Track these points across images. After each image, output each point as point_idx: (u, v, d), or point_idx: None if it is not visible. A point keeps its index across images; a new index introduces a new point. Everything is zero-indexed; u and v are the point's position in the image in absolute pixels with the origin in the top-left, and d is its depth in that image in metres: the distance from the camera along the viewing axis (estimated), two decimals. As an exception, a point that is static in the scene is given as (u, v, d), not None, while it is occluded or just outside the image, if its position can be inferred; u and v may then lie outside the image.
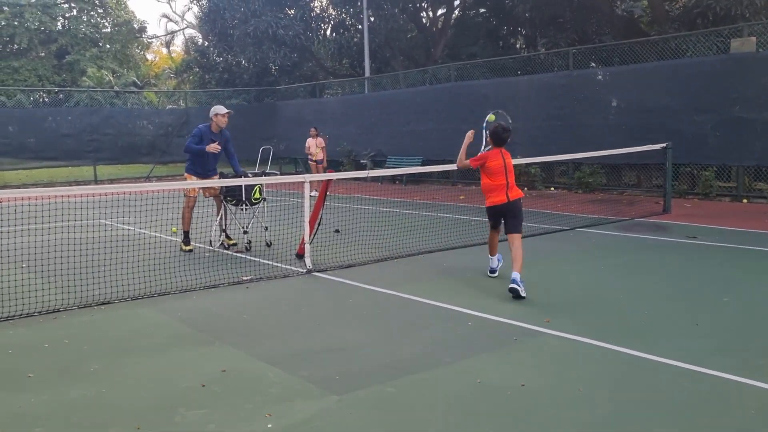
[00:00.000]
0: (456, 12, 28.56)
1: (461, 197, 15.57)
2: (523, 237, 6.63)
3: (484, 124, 7.03)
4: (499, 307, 5.70)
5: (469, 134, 6.87)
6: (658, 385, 3.96)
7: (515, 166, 16.66)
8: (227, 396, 3.88)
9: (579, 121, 15.63)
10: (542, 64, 18.49)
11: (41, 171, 23.61)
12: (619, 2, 21.79)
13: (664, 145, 11.68)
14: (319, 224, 8.06)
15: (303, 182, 7.54)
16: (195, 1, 31.24)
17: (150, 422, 3.54)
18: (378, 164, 20.59)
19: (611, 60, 16.38)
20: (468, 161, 6.83)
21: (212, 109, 8.89)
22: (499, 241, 7.06)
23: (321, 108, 23.93)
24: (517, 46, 28.41)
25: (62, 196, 14.74)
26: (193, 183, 8.50)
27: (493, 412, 3.62)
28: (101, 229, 10.75)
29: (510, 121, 7.10)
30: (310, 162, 16.48)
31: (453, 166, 10.46)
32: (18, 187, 19.12)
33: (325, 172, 14.49)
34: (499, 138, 6.71)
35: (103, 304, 6.03)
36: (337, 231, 10.03)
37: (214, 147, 8.48)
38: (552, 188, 16.92)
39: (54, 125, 24.87)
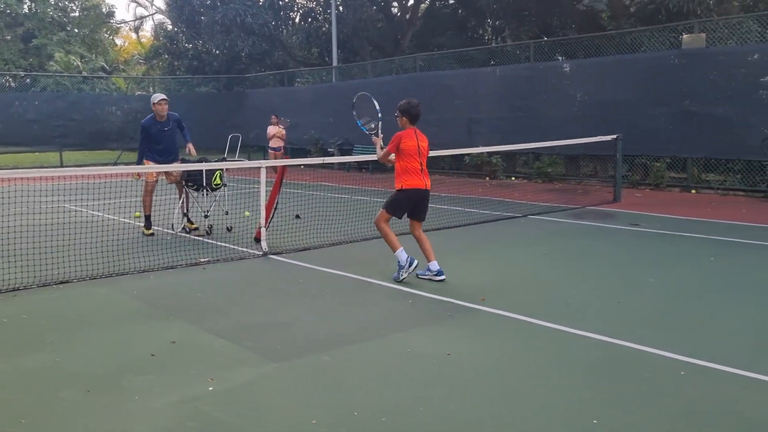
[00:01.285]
0: (425, 2, 28.87)
1: (423, 185, 15.93)
2: (476, 224, 6.95)
3: (360, 122, 7.01)
4: (439, 287, 6.06)
5: (376, 140, 6.76)
6: (572, 355, 4.36)
7: (477, 155, 16.93)
8: (174, 364, 4.18)
9: (540, 112, 16.07)
10: (506, 55, 18.90)
11: (6, 156, 23.47)
12: (582, -4, 22.30)
13: (614, 136, 12.15)
14: (275, 209, 8.34)
15: (259, 168, 7.84)
16: (164, -13, 31.09)
17: (100, 386, 3.83)
18: (345, 153, 20.84)
19: (575, 53, 16.84)
20: (386, 149, 6.45)
21: (151, 99, 9.02)
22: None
23: (290, 97, 24.11)
24: (485, 38, 28.85)
25: (25, 179, 14.78)
26: (151, 167, 8.70)
27: (416, 378, 3.98)
28: (64, 214, 10.89)
29: (377, 106, 6.89)
30: (269, 150, 16.67)
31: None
32: (-18, 172, 18.99)
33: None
34: (412, 113, 6.32)
35: (62, 283, 6.27)
36: (297, 216, 10.33)
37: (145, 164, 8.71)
38: (513, 178, 17.36)
39: (20, 110, 24.72)
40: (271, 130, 16.43)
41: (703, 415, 3.46)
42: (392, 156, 6.44)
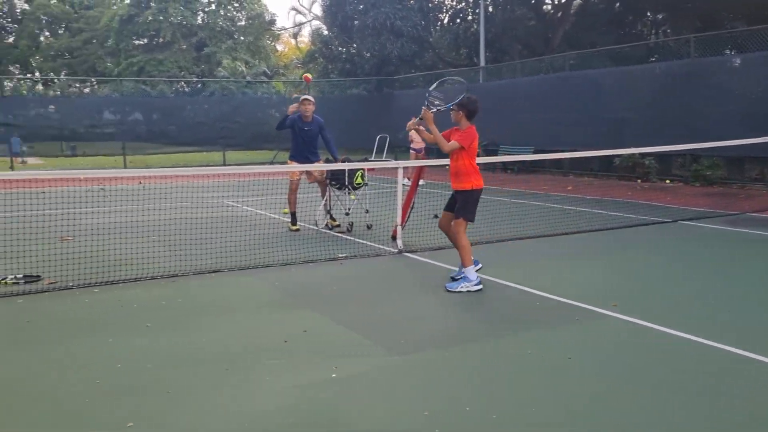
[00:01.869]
0: (579, -1, 28.00)
1: (569, 188, 15.52)
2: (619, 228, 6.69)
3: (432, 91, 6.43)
4: (571, 291, 5.93)
5: (429, 115, 6.25)
6: (703, 368, 4.12)
7: (628, 157, 16.08)
8: (304, 350, 4.47)
9: (699, 111, 15.04)
10: (664, 51, 17.89)
11: (178, 156, 25.75)
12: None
13: (784, 137, 11.16)
14: (411, 209, 8.54)
15: (397, 169, 8.08)
16: (320, -7, 32.59)
17: (236, 365, 4.19)
18: (490, 153, 20.74)
19: (745, 46, 15.55)
20: (454, 141, 6.08)
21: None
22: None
23: (436, 97, 24.37)
24: (644, 33, 27.41)
25: (192, 177, 16.16)
26: (294, 167, 9.23)
27: (532, 379, 3.97)
28: (222, 209, 11.83)
29: (458, 99, 6.22)
30: (411, 151, 16.90)
31: (561, 155, 10.61)
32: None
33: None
34: (470, 109, 6.06)
35: (214, 272, 6.86)
36: (436, 216, 10.46)
37: (292, 108, 9.26)
38: (667, 181, 16.41)
39: (192, 113, 27.08)
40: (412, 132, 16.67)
41: None
42: (454, 143, 6.07)
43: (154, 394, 3.78)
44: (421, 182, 8.71)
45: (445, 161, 10.30)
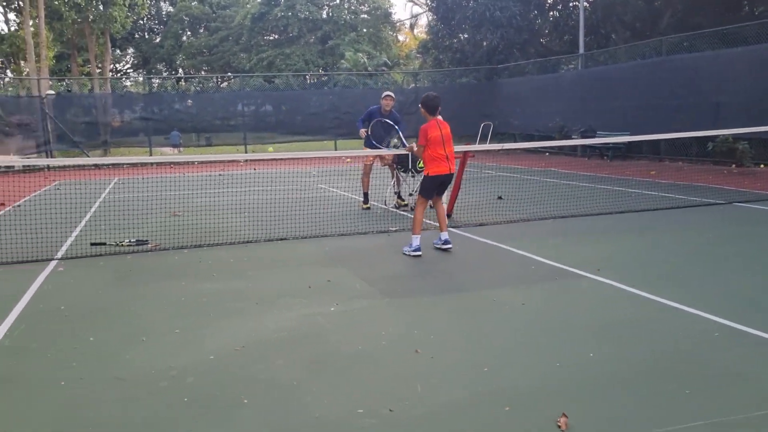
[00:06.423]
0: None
1: (651, 172, 15.74)
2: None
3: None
4: (568, 259, 6.79)
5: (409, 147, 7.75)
6: (641, 319, 4.96)
7: (723, 141, 15.95)
8: (320, 294, 5.77)
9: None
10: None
11: (296, 144, 27.95)
12: None
13: None
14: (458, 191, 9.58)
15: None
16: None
17: (265, 301, 5.56)
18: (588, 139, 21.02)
19: None
20: (418, 143, 7.25)
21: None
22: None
23: (538, 85, 24.82)
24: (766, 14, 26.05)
25: (301, 163, 17.77)
26: (368, 152, 10.53)
27: (481, 316, 5.03)
28: (314, 191, 13.39)
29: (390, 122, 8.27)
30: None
31: (630, 138, 11.07)
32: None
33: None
34: (429, 105, 7.13)
35: (281, 239, 8.33)
36: (500, 198, 11.42)
37: (362, 132, 10.46)
38: (762, 165, 16.16)
39: (315, 105, 29.22)
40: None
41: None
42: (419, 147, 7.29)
43: (200, 315, 5.23)
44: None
45: (472, 147, 11.06)
